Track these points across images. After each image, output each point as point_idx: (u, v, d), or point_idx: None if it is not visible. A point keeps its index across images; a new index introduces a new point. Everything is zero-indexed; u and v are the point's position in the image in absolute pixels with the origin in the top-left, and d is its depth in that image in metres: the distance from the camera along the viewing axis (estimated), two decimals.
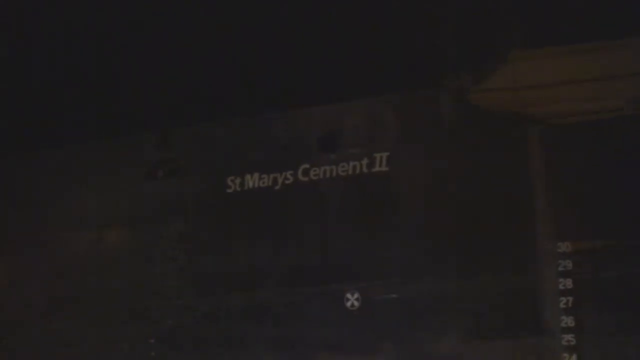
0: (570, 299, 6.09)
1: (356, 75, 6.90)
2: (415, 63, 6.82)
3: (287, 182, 6.94)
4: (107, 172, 7.63)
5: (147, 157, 7.51)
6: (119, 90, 7.45)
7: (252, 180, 7.07)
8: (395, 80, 6.74)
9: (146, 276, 7.45)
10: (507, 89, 6.73)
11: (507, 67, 6.76)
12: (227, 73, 7.21)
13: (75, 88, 7.46)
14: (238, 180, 7.12)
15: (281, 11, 6.95)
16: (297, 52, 6.99)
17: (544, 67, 6.74)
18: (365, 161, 6.68)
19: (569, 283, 6.10)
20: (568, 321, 6.07)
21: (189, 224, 7.33)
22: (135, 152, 7.54)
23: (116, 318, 7.55)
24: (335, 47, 6.95)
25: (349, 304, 6.67)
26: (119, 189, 7.59)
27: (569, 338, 6.06)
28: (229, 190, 7.15)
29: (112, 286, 7.59)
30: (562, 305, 6.10)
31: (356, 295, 6.65)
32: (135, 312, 7.47)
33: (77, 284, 7.72)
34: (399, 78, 6.75)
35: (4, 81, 7.52)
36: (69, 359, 7.74)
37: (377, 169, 6.65)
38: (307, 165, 6.87)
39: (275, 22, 6.96)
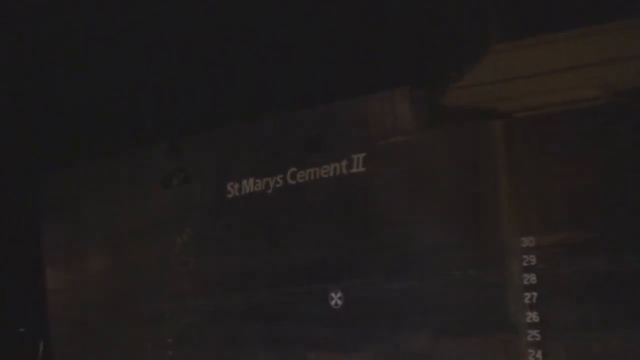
0: (535, 294, 6.00)
1: (338, 77, 7.09)
2: (393, 63, 6.91)
3: (277, 185, 7.19)
4: (126, 183, 8.17)
5: (161, 166, 7.95)
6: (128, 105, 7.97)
7: (249, 185, 7.36)
8: (372, 81, 6.85)
9: (162, 279, 7.92)
10: (486, 83, 6.69)
11: (486, 62, 6.73)
12: (222, 82, 7.57)
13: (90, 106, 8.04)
14: (236, 186, 7.43)
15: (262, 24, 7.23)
16: (282, 60, 7.25)
17: (524, 59, 6.65)
18: (344, 162, 6.82)
19: (533, 278, 6.01)
20: (533, 317, 5.99)
21: (197, 230, 7.71)
22: (150, 162, 8.01)
23: (139, 319, 8.08)
24: (317, 52, 7.16)
25: (332, 302, 6.84)
26: (137, 199, 8.09)
27: (534, 334, 5.98)
28: (229, 196, 7.47)
29: (134, 289, 8.13)
30: (526, 301, 6.01)
31: (339, 295, 6.81)
32: (155, 314, 7.95)
33: (105, 288, 8.31)
34: (377, 79, 6.85)
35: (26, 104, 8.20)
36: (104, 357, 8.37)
37: (354, 170, 6.77)
38: (294, 169, 7.08)
39: (256, 33, 7.24)
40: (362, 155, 6.75)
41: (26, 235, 9.06)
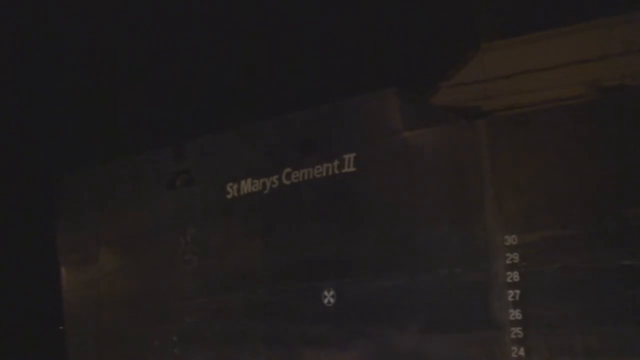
0: (518, 291, 6.04)
1: (329, 79, 7.22)
2: (379, 64, 7.01)
3: (273, 186, 7.34)
4: (132, 185, 8.40)
5: (165, 169, 8.15)
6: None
7: (247, 186, 7.52)
8: (359, 82, 6.95)
9: (167, 278, 8.12)
10: (475, 82, 6.76)
11: (475, 61, 6.79)
12: (220, 87, 7.75)
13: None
14: (235, 186, 7.59)
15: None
16: (273, 62, 7.40)
17: (511, 58, 6.71)
18: (336, 162, 6.93)
19: (516, 276, 6.05)
20: (515, 314, 6.03)
21: (200, 230, 7.90)
22: (155, 164, 8.22)
23: (147, 317, 8.30)
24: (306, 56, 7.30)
25: (325, 300, 6.96)
26: (142, 200, 8.31)
27: (517, 331, 6.02)
28: (228, 196, 7.64)
29: (143, 288, 8.36)
30: (509, 299, 6.06)
31: (332, 293, 6.93)
32: (161, 312, 8.16)
33: (116, 286, 8.56)
34: (364, 80, 6.96)
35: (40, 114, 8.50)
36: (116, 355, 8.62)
37: (346, 169, 6.88)
38: (289, 169, 7.22)
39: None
40: (352, 155, 6.84)
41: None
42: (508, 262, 6.09)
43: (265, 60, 7.33)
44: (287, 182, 7.25)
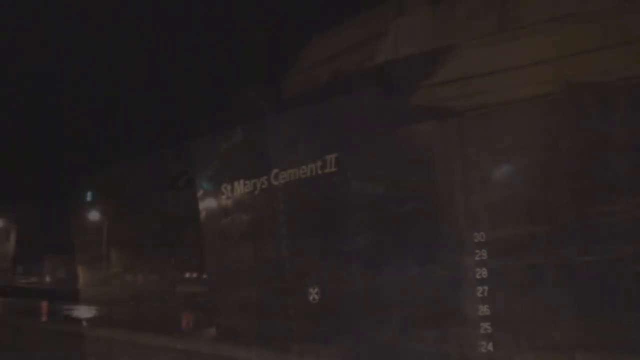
0: (486, 288, 6.13)
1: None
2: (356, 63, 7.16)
3: (263, 186, 7.56)
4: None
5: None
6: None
7: (240, 187, 7.76)
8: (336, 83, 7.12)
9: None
10: (454, 80, 6.85)
11: (454, 58, 6.89)
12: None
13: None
14: (229, 187, 7.83)
15: None
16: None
17: (490, 55, 6.79)
18: (319, 163, 7.11)
19: (484, 272, 6.15)
20: (484, 310, 6.13)
21: (199, 230, 8.17)
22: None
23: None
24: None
25: (311, 297, 7.14)
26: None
27: (485, 326, 6.11)
28: (223, 197, 7.89)
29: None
30: (478, 294, 6.16)
31: (316, 290, 7.11)
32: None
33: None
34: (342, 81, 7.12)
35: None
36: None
37: (328, 170, 7.05)
38: (277, 170, 7.43)
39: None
40: (334, 156, 7.00)
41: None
42: (477, 258, 6.18)
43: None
44: (275, 183, 7.45)
